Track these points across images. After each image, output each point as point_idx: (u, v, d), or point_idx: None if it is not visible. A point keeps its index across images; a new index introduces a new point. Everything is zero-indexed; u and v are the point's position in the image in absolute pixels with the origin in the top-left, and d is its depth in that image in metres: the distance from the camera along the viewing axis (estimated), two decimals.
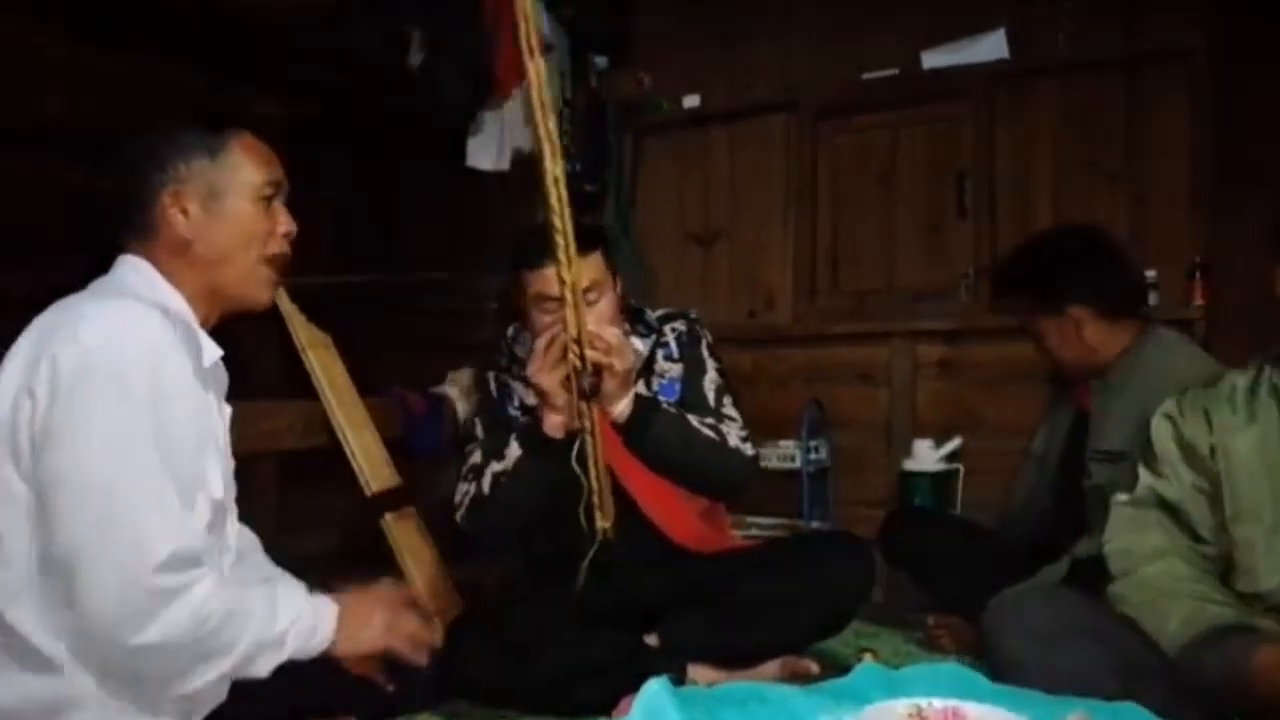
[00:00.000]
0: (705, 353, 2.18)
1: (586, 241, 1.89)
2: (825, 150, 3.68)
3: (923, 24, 3.49)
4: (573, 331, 1.79)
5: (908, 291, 3.53)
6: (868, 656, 1.88)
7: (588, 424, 1.85)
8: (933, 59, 3.47)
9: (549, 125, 1.62)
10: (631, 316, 2.16)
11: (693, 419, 2.03)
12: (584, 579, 1.92)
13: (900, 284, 3.54)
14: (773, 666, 1.98)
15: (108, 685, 1.29)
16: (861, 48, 3.61)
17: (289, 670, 1.41)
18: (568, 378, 1.84)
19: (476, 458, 2.10)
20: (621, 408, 1.93)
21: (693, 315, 2.24)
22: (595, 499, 1.88)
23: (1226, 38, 2.99)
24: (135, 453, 1.27)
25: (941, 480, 3.12)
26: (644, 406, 1.97)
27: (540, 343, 1.89)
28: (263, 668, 1.35)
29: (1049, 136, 3.31)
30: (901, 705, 1.31)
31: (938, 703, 1.31)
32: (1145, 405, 1.79)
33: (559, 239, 1.68)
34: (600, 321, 1.92)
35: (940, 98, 3.47)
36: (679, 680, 1.79)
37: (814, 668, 1.97)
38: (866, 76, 3.59)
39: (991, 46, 3.38)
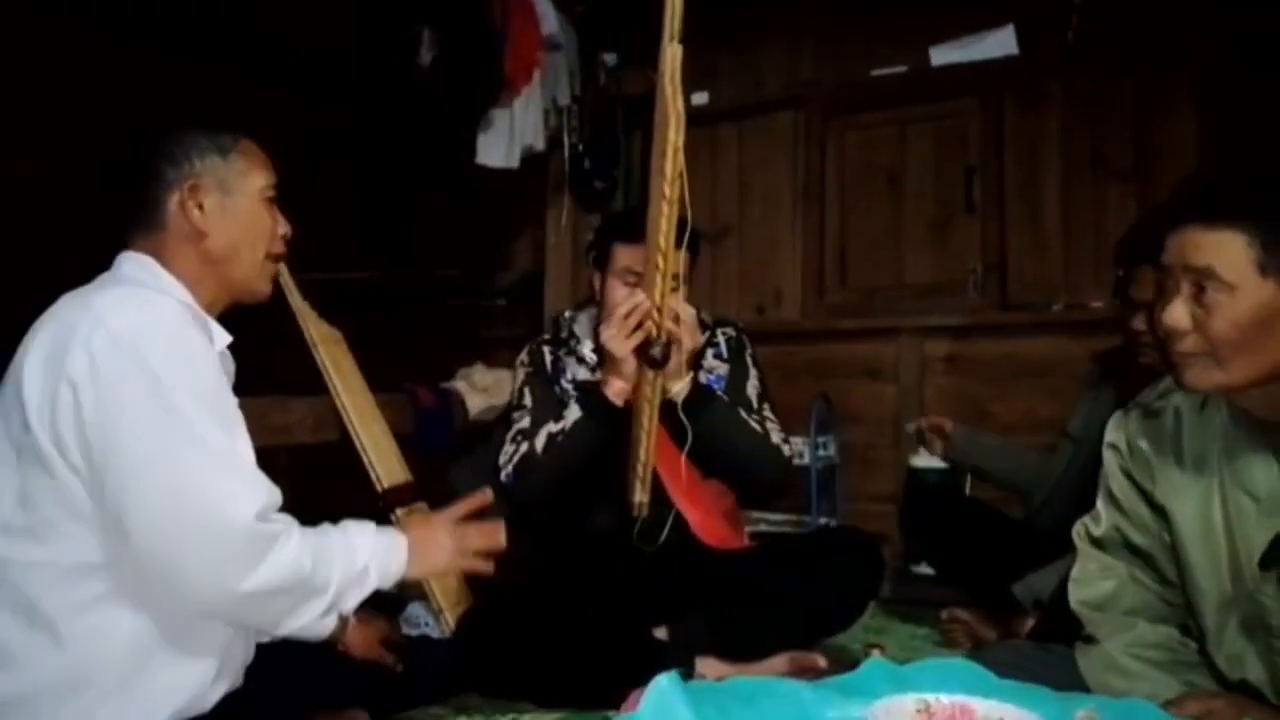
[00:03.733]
0: (750, 361, 2.29)
1: (679, 238, 1.95)
2: (834, 147, 3.68)
3: (931, 21, 3.49)
4: (656, 300, 1.87)
5: (916, 288, 3.53)
6: (876, 651, 1.88)
7: (648, 392, 1.92)
8: (941, 56, 3.47)
9: (679, 104, 1.69)
10: None
11: (740, 412, 2.13)
12: (638, 540, 2.01)
13: (908, 280, 3.55)
14: (781, 661, 1.98)
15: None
16: (870, 45, 3.62)
17: (299, 663, 1.43)
18: (639, 347, 1.92)
19: (525, 423, 2.17)
20: (680, 387, 2.03)
21: (740, 324, 2.37)
22: (641, 470, 1.94)
23: (1234, 35, 2.99)
24: (191, 424, 1.30)
25: (949, 476, 3.12)
26: (700, 391, 2.08)
27: (622, 310, 1.97)
28: (350, 602, 1.43)
29: (1057, 133, 3.31)
30: (910, 700, 1.31)
31: (945, 698, 1.31)
32: None
33: (665, 206, 1.74)
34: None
35: (949, 94, 3.48)
36: (688, 674, 1.80)
37: (822, 662, 1.98)
38: (875, 73, 3.60)
39: (1000, 43, 3.38)
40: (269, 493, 1.37)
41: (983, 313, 3.35)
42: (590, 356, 2.23)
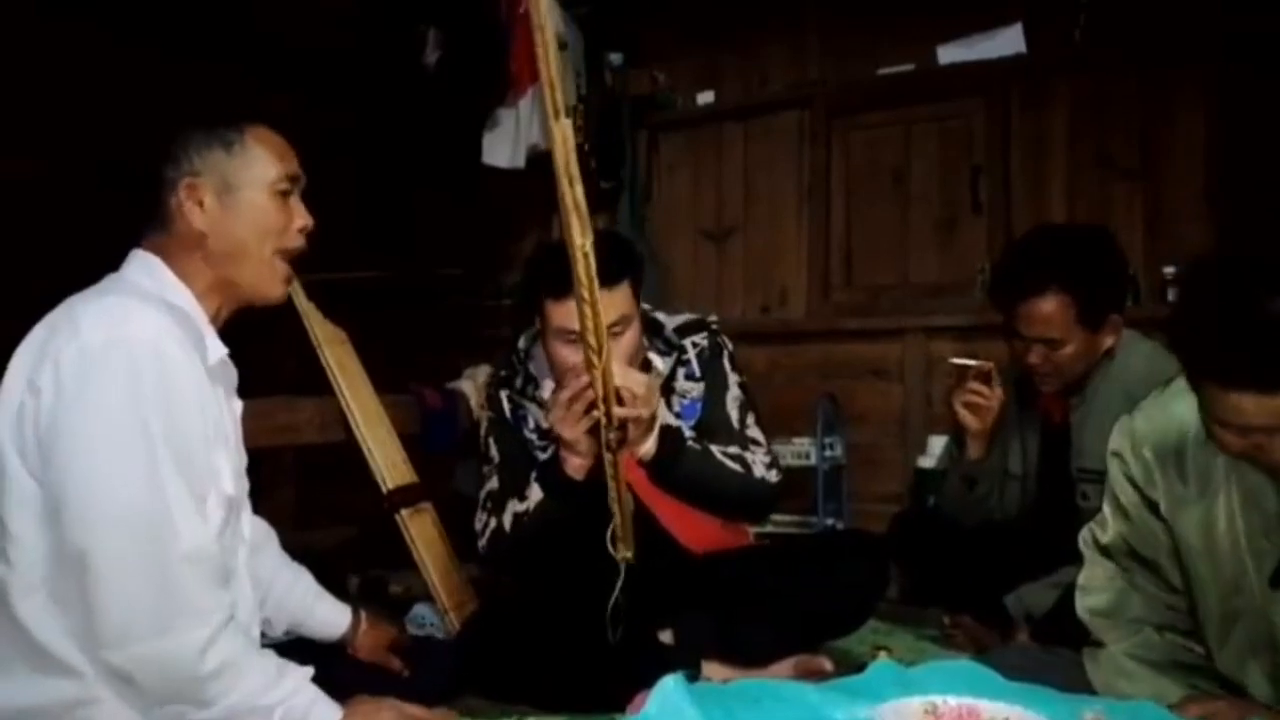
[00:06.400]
0: (727, 366, 2.12)
1: (615, 270, 1.81)
2: (839, 146, 3.68)
3: (938, 19, 3.49)
4: (599, 391, 1.70)
5: (922, 287, 3.52)
6: (882, 654, 1.88)
7: (610, 469, 1.78)
8: (948, 54, 3.47)
9: (577, 196, 1.46)
10: (650, 329, 2.09)
11: (716, 450, 1.99)
12: (610, 611, 1.89)
13: (914, 280, 3.54)
14: (787, 664, 1.97)
15: (118, 687, 1.30)
16: (876, 43, 3.62)
17: (305, 664, 1.42)
18: (592, 428, 1.78)
19: (494, 484, 2.07)
20: (647, 448, 1.89)
21: (713, 325, 2.17)
22: (620, 532, 1.82)
23: (1239, 35, 2.98)
24: (144, 450, 1.27)
25: None
26: (668, 445, 1.92)
27: (564, 396, 1.80)
28: None
29: (1064, 132, 3.30)
30: (916, 703, 1.31)
31: (952, 700, 1.32)
32: (1116, 417, 1.61)
33: (587, 308, 1.56)
34: (624, 359, 1.86)
35: (954, 94, 3.47)
36: (693, 676, 1.80)
37: (828, 665, 1.97)
38: (881, 72, 3.59)
39: (1007, 41, 3.37)
40: (207, 539, 1.32)
41: (989, 313, 3.32)
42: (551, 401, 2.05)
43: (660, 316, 2.15)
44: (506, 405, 2.12)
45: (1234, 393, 1.17)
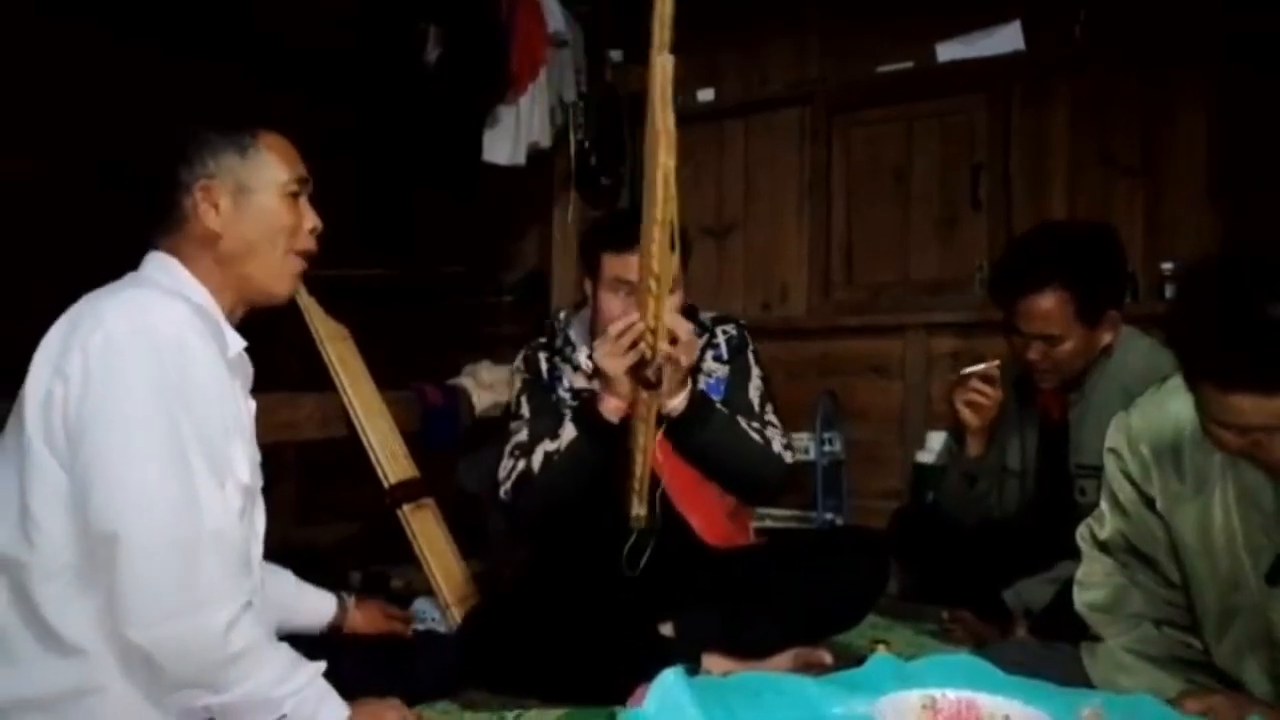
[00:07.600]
0: (752, 359, 2.25)
1: (672, 244, 1.88)
2: (839, 143, 3.68)
3: (937, 17, 3.48)
4: (651, 322, 1.80)
5: (922, 284, 3.53)
6: (881, 648, 1.89)
7: (644, 411, 1.87)
8: (947, 51, 3.47)
9: (668, 121, 1.60)
10: (685, 314, 2.14)
11: (740, 421, 2.09)
12: (624, 564, 1.96)
13: (914, 277, 3.54)
14: (786, 657, 1.98)
15: (131, 673, 1.31)
16: (876, 41, 3.61)
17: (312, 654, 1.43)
18: (634, 367, 1.88)
19: (523, 435, 2.14)
20: (678, 401, 1.99)
21: (742, 322, 2.32)
22: (638, 485, 1.90)
23: (1240, 34, 2.97)
24: (169, 434, 1.30)
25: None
26: (699, 403, 2.02)
27: (615, 328, 1.91)
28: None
29: (1064, 129, 3.30)
30: (915, 696, 1.32)
31: (951, 694, 1.32)
32: (1114, 413, 1.63)
33: (656, 231, 1.66)
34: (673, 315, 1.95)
35: (955, 90, 3.47)
36: (694, 670, 1.80)
37: (827, 659, 1.98)
38: (881, 70, 3.59)
39: (1007, 39, 3.37)
40: (230, 521, 1.35)
41: (989, 310, 3.32)
42: (586, 364, 2.18)
43: (695, 305, 2.27)
44: (544, 365, 2.23)
45: (1233, 394, 1.17)
